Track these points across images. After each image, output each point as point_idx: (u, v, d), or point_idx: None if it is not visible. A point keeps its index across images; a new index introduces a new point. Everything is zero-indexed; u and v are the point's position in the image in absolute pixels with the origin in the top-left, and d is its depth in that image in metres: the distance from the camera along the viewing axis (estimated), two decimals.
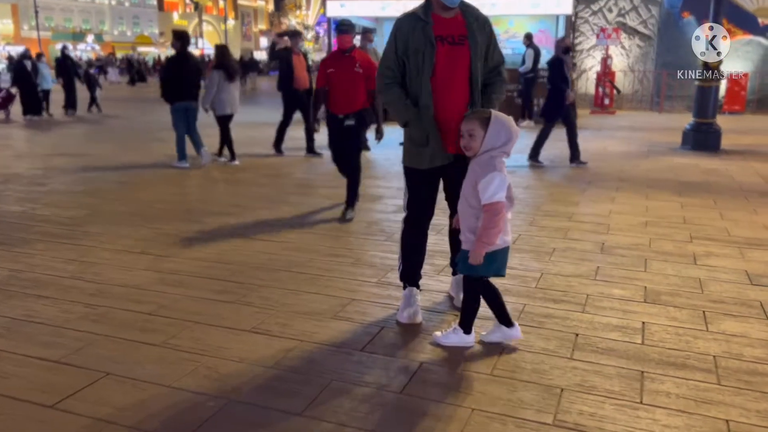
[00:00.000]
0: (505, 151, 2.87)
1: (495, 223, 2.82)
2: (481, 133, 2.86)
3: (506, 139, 2.85)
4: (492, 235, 2.84)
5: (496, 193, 2.81)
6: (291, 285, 3.79)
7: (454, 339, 3.05)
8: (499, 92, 3.38)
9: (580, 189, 6.71)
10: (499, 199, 2.81)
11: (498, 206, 2.81)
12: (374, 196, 6.35)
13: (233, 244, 4.65)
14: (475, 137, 2.88)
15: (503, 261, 2.98)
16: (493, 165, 2.85)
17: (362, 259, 4.29)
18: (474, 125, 2.87)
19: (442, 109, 3.26)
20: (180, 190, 6.63)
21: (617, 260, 4.32)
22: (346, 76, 5.39)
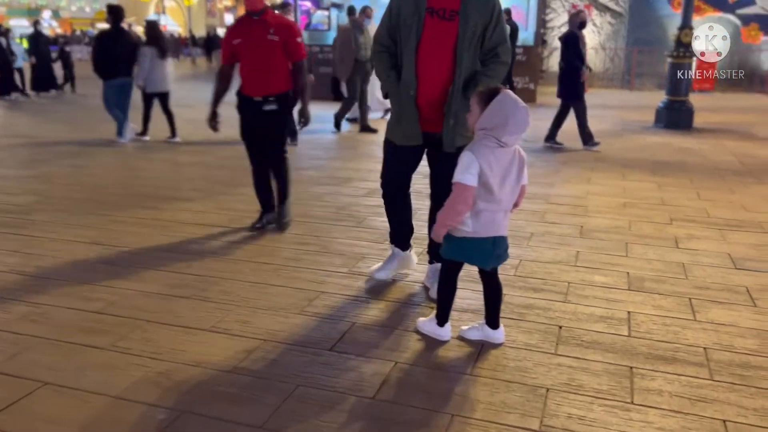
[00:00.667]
0: (495, 136, 2.54)
1: (453, 206, 2.59)
2: (477, 108, 2.60)
3: (498, 123, 2.52)
4: (448, 215, 2.62)
5: (462, 174, 2.56)
6: (253, 277, 3.52)
7: (428, 328, 2.87)
8: (491, 74, 3.16)
9: (554, 169, 6.53)
10: (463, 180, 2.55)
11: (460, 188, 2.56)
12: (342, 178, 6.07)
13: (190, 232, 4.34)
14: (471, 112, 2.65)
15: (479, 254, 2.73)
16: (471, 145, 2.61)
17: (331, 247, 4.04)
18: (474, 99, 2.65)
19: (423, 85, 3.16)
20: (137, 173, 6.26)
21: (597, 244, 4.15)
22: (258, 47, 4.16)
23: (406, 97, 3.17)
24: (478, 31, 3.13)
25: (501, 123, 2.56)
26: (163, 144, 8.00)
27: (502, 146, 2.58)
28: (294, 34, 4.26)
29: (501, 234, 2.71)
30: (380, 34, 3.28)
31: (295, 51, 4.28)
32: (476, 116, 2.62)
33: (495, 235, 2.71)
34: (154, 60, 7.95)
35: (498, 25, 3.16)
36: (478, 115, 2.61)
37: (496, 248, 2.74)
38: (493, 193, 2.62)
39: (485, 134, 2.59)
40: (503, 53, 3.18)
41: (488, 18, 3.13)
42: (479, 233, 2.69)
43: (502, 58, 3.18)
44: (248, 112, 4.32)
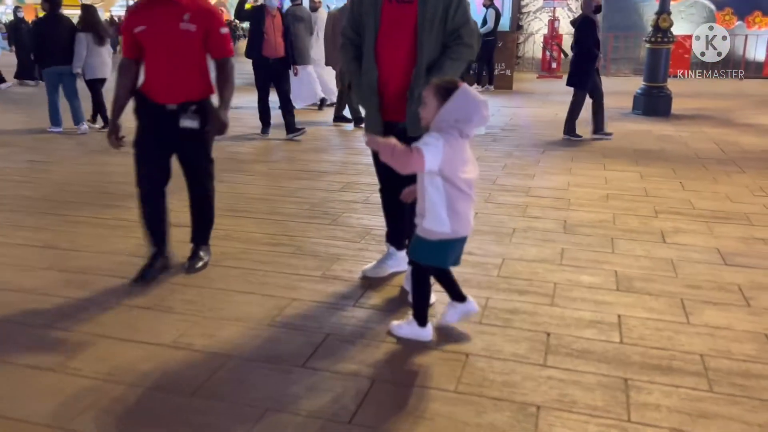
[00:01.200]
0: (459, 128, 2.45)
1: (401, 161, 2.41)
2: (433, 102, 2.46)
3: (462, 118, 2.43)
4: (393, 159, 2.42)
5: (426, 146, 2.40)
6: (220, 283, 3.28)
7: (406, 330, 2.70)
8: (454, 56, 3.02)
9: (534, 160, 6.36)
10: (424, 151, 2.38)
11: (418, 155, 2.38)
12: (317, 172, 5.83)
13: None
14: (426, 106, 2.49)
15: (452, 253, 2.63)
16: (440, 131, 2.44)
17: (304, 248, 3.81)
18: (428, 92, 2.49)
19: (384, 73, 3.06)
20: (101, 168, 5.94)
21: (582, 240, 3.98)
22: (167, 39, 3.17)
23: (367, 86, 3.09)
24: (439, 12, 2.99)
25: (465, 118, 2.45)
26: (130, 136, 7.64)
27: (463, 138, 2.48)
28: (217, 22, 3.25)
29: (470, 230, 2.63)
30: (344, 26, 3.23)
31: (219, 45, 3.28)
32: (433, 110, 2.48)
33: (468, 232, 2.61)
34: (90, 46, 7.71)
35: (460, 6, 3.01)
36: (435, 110, 2.48)
37: (463, 246, 2.66)
38: (466, 185, 2.51)
39: (448, 125, 2.43)
40: (466, 35, 3.03)
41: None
42: (458, 233, 2.54)
43: (465, 40, 3.03)
44: (152, 121, 3.30)
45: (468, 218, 2.58)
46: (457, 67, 3.01)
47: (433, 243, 2.55)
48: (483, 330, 2.80)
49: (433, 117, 2.46)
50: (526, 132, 8.07)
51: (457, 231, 2.54)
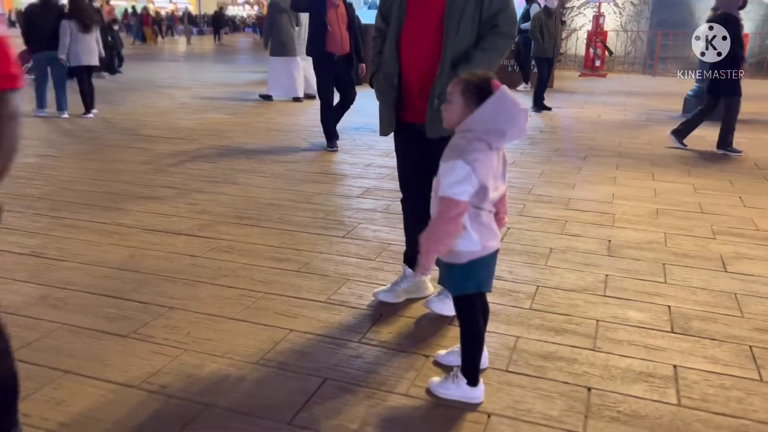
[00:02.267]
0: (487, 141, 1.98)
1: (442, 226, 1.97)
2: (460, 101, 2.00)
3: (494, 129, 1.96)
4: (436, 239, 1.99)
5: (453, 187, 1.95)
6: (211, 307, 2.88)
7: (453, 392, 2.21)
8: (486, 46, 2.59)
9: (575, 167, 5.83)
10: (455, 196, 1.95)
11: (451, 204, 1.95)
12: (337, 175, 5.41)
13: (151, 240, 3.71)
14: (451, 105, 2.03)
15: (486, 272, 2.15)
16: (462, 150, 1.96)
17: (311, 265, 3.39)
18: (454, 87, 2.02)
19: (407, 68, 2.68)
20: (110, 166, 5.63)
21: (629, 266, 3.48)
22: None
23: (386, 81, 2.76)
24: (471, 2, 2.56)
25: (499, 130, 1.97)
26: (141, 133, 7.36)
27: (493, 150, 2.00)
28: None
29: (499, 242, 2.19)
30: (376, 18, 2.93)
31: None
32: (458, 111, 2.02)
33: (499, 244, 2.16)
34: (75, 34, 7.83)
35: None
36: (461, 111, 2.01)
37: (495, 262, 2.20)
38: (488, 196, 2.04)
39: (475, 137, 1.96)
40: (504, 22, 2.59)
41: None
42: (488, 247, 2.09)
43: (503, 28, 2.60)
44: None
45: (495, 229, 2.13)
46: (489, 59, 2.57)
47: (462, 266, 2.09)
48: (510, 381, 2.34)
49: (458, 120, 2.01)
50: (567, 135, 7.52)
51: (487, 246, 2.09)
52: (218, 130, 7.44)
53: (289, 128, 7.67)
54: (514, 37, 2.64)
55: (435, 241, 1.99)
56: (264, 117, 8.54)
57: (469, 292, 2.11)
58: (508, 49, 2.66)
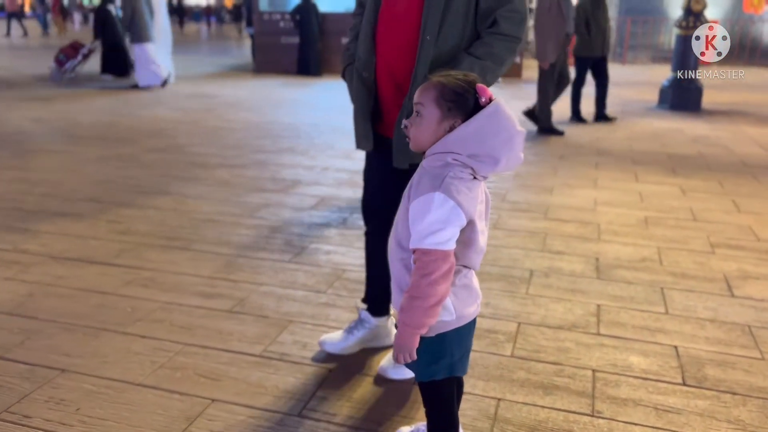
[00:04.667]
0: (473, 167, 1.40)
1: (428, 290, 1.39)
2: (434, 113, 1.42)
3: (490, 152, 1.39)
4: (420, 310, 1.40)
5: (434, 232, 1.37)
6: (114, 368, 2.28)
7: None
8: (481, 54, 1.93)
9: (551, 167, 5.34)
10: (437, 246, 1.38)
11: (435, 257, 1.38)
12: (288, 181, 4.81)
13: (56, 273, 3.08)
14: (422, 119, 1.43)
15: (461, 349, 1.57)
16: (439, 178, 1.39)
17: (247, 302, 2.81)
18: (427, 95, 1.43)
19: (383, 66, 2.05)
20: (25, 175, 4.92)
21: (623, 291, 2.98)
22: None
23: (358, 80, 2.13)
24: None
25: (491, 156, 1.39)
26: (72, 133, 6.65)
27: (478, 180, 1.44)
28: None
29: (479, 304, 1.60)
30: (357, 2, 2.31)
31: None
32: (433, 128, 1.44)
33: (478, 310, 1.59)
34: None
35: None
36: (435, 127, 1.43)
37: (473, 332, 1.62)
38: (476, 243, 1.47)
39: (456, 161, 1.39)
40: (504, 20, 1.93)
41: None
42: (465, 316, 1.52)
43: (502, 28, 1.93)
44: None
45: (476, 289, 1.57)
46: (483, 69, 1.91)
47: (432, 342, 1.51)
48: None
49: (431, 139, 1.43)
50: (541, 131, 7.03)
51: (464, 314, 1.52)
52: (161, 129, 6.76)
53: (241, 126, 7.03)
54: (519, 39, 1.95)
55: (424, 312, 1.40)
56: (213, 114, 7.87)
57: (439, 377, 1.55)
58: (512, 56, 1.97)
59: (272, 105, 8.67)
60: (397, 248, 1.52)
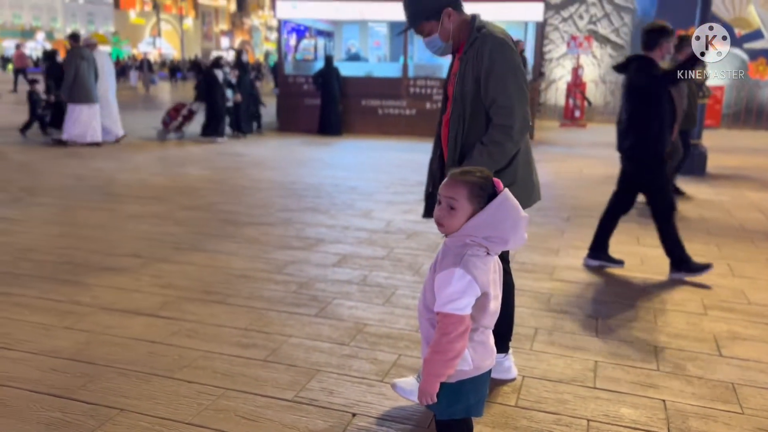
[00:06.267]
0: (489, 247, 1.78)
1: (447, 346, 1.75)
2: (467, 207, 1.77)
3: (497, 236, 1.76)
4: (441, 363, 1.76)
5: (453, 300, 1.73)
6: (165, 409, 2.61)
7: None
8: (486, 141, 2.46)
9: (558, 229, 5.68)
10: (456, 311, 1.73)
11: (455, 320, 1.73)
12: (312, 239, 5.19)
13: (107, 324, 3.44)
14: (456, 212, 1.78)
15: (477, 395, 1.91)
16: (460, 256, 1.75)
17: (279, 352, 3.14)
18: (459, 192, 1.77)
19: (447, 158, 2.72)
20: (74, 230, 5.36)
21: (619, 349, 3.27)
22: None
23: (429, 164, 2.87)
24: (470, 88, 2.45)
25: (502, 238, 1.76)
26: (110, 191, 7.12)
27: (491, 255, 1.81)
28: None
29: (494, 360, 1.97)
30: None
31: None
32: (466, 218, 1.78)
33: (493, 363, 1.94)
34: None
35: (492, 74, 2.43)
36: (467, 217, 1.78)
37: (488, 383, 1.98)
38: (489, 308, 1.83)
39: (473, 241, 1.76)
40: (497, 114, 2.46)
41: (479, 66, 2.45)
42: (482, 367, 1.87)
43: (496, 120, 2.46)
44: None
45: (491, 345, 1.93)
46: (489, 154, 2.44)
47: (452, 387, 1.86)
48: None
49: (461, 225, 1.78)
50: (549, 192, 7.39)
51: (480, 365, 1.88)
52: (192, 188, 7.22)
53: (267, 185, 7.48)
54: (512, 126, 2.46)
55: (444, 364, 1.77)
56: (240, 173, 8.36)
57: (457, 417, 1.89)
58: (511, 142, 2.47)
59: (295, 164, 9.15)
60: (424, 310, 1.88)
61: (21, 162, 8.82)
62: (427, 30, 2.60)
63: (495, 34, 2.50)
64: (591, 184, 7.85)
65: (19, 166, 8.50)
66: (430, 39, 2.62)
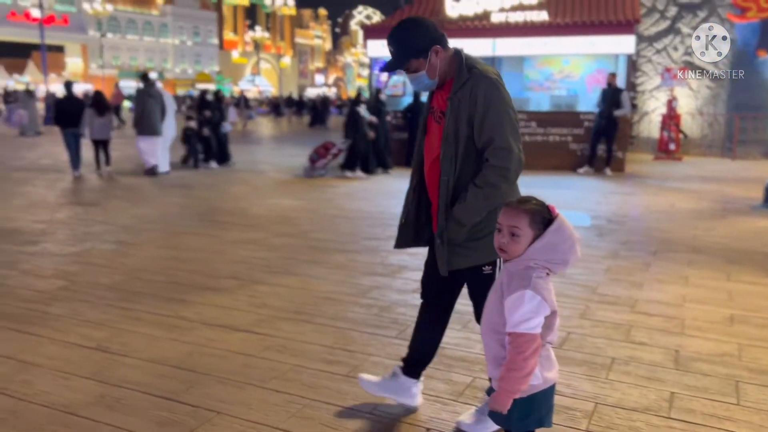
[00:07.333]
0: (549, 269, 1.95)
1: (522, 363, 1.90)
2: (528, 233, 1.94)
3: (557, 259, 1.93)
4: (517, 379, 1.92)
5: (526, 320, 1.90)
6: (257, 414, 2.89)
7: None
8: (480, 183, 2.51)
9: (643, 263, 5.61)
10: (528, 330, 1.90)
11: (528, 338, 1.89)
12: (395, 267, 5.42)
13: (208, 337, 3.80)
14: (519, 238, 1.94)
15: (547, 407, 2.05)
16: (527, 278, 1.92)
17: (361, 369, 3.36)
18: (520, 221, 1.94)
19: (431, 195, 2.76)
20: (179, 253, 5.88)
21: (698, 382, 3.25)
22: None
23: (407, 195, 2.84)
24: (463, 129, 2.51)
25: (562, 259, 1.92)
26: (214, 219, 7.69)
27: (551, 276, 1.98)
28: None
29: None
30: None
31: None
32: (527, 244, 1.95)
33: (557, 377, 2.08)
34: (93, 116, 11.27)
35: (487, 115, 2.47)
36: (529, 243, 1.95)
37: (554, 394, 2.11)
38: (555, 325, 2.00)
39: (536, 264, 1.92)
40: (492, 156, 2.48)
41: (473, 106, 2.49)
42: (548, 380, 2.03)
43: (492, 161, 2.48)
44: None
45: (554, 359, 2.08)
46: (483, 197, 2.48)
47: (524, 401, 2.02)
48: None
49: (524, 250, 1.95)
50: (637, 225, 7.30)
51: (548, 378, 2.03)
52: (287, 217, 7.68)
53: (356, 215, 7.82)
54: (508, 168, 2.46)
55: (519, 381, 1.93)
56: (332, 203, 8.77)
57: (531, 429, 2.03)
58: (506, 181, 2.48)
59: (383, 195, 9.49)
60: (491, 332, 2.05)
61: (129, 188, 9.67)
62: (413, 67, 2.59)
63: (488, 74, 2.52)
64: (682, 218, 7.65)
65: (128, 192, 9.32)
66: (416, 76, 2.60)
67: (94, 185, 10.51)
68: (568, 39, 12.80)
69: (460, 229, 2.53)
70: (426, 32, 2.56)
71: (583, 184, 10.58)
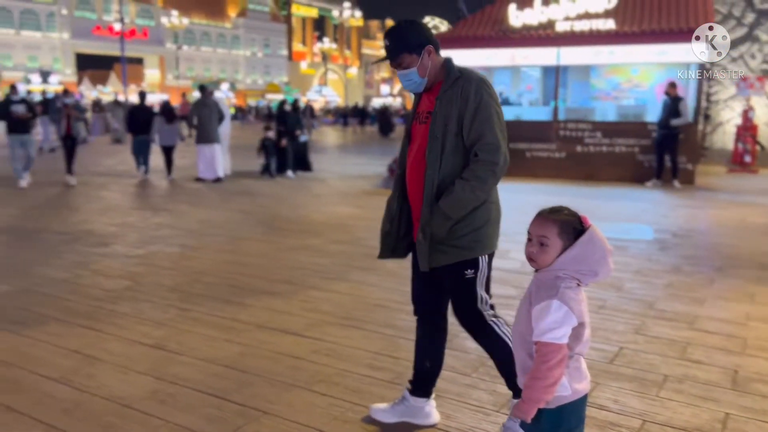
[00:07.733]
0: (579, 279, 1.93)
1: (546, 373, 1.88)
2: (558, 244, 1.93)
3: (587, 270, 1.91)
4: (540, 389, 1.89)
5: (552, 330, 1.88)
6: (302, 415, 2.97)
7: None
8: (468, 177, 2.53)
9: (707, 278, 5.40)
10: (554, 340, 1.88)
11: (553, 348, 1.88)
12: None
13: (260, 339, 3.92)
14: (548, 248, 1.94)
15: (576, 418, 2.02)
16: (555, 288, 1.90)
17: (405, 376, 3.38)
18: (550, 230, 1.93)
19: (412, 200, 2.79)
20: (238, 258, 6.08)
21: (755, 404, 3.12)
22: None
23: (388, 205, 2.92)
24: (452, 125, 2.55)
25: (592, 270, 1.90)
26: (273, 226, 7.89)
27: (582, 287, 1.94)
28: None
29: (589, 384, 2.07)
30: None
31: None
32: (556, 254, 1.93)
33: (588, 388, 2.04)
34: (162, 124, 12.18)
35: (478, 112, 2.51)
36: (559, 253, 1.93)
37: (585, 406, 2.06)
38: (584, 336, 1.96)
39: (565, 275, 1.91)
40: (482, 150, 2.52)
41: (463, 104, 2.54)
42: (578, 391, 1.99)
43: (482, 156, 2.52)
44: None
45: (585, 370, 2.04)
46: (471, 188, 2.51)
47: (553, 413, 2.00)
48: None
49: (554, 260, 1.94)
50: (703, 240, 7.02)
51: (578, 390, 2.00)
52: (344, 225, 7.80)
53: None
54: (497, 163, 2.51)
55: (543, 390, 1.91)
56: None
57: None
58: (493, 176, 2.52)
59: None
60: (520, 340, 2.04)
61: (196, 194, 10.05)
62: (405, 63, 2.63)
63: (477, 75, 2.60)
64: (752, 234, 7.31)
65: (194, 198, 9.69)
66: (406, 72, 2.64)
67: (163, 191, 10.99)
68: (637, 47, 12.45)
69: (445, 222, 2.55)
70: (421, 32, 2.66)
71: (650, 197, 10.25)
